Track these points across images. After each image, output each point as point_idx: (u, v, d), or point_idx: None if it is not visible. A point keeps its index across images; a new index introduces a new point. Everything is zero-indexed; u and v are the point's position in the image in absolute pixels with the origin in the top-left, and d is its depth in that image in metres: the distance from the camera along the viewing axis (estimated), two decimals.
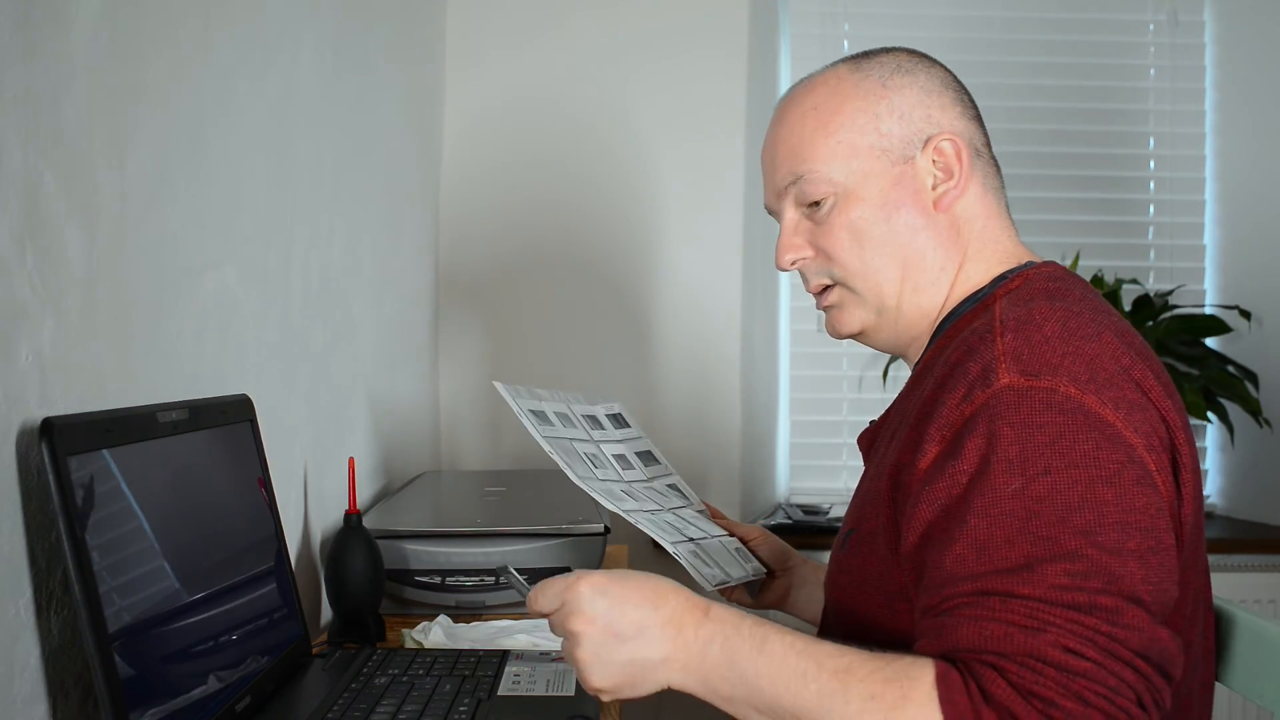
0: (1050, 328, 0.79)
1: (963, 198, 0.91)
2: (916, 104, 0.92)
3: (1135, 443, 0.74)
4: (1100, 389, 0.75)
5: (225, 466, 0.90)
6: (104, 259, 0.77)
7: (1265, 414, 2.20)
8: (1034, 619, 0.68)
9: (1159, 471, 0.76)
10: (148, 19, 0.84)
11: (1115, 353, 0.78)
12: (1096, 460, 0.72)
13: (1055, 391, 0.74)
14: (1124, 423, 0.74)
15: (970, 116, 0.94)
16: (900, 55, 0.95)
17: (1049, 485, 0.72)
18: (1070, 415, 0.74)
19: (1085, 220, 2.39)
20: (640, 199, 2.21)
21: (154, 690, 0.70)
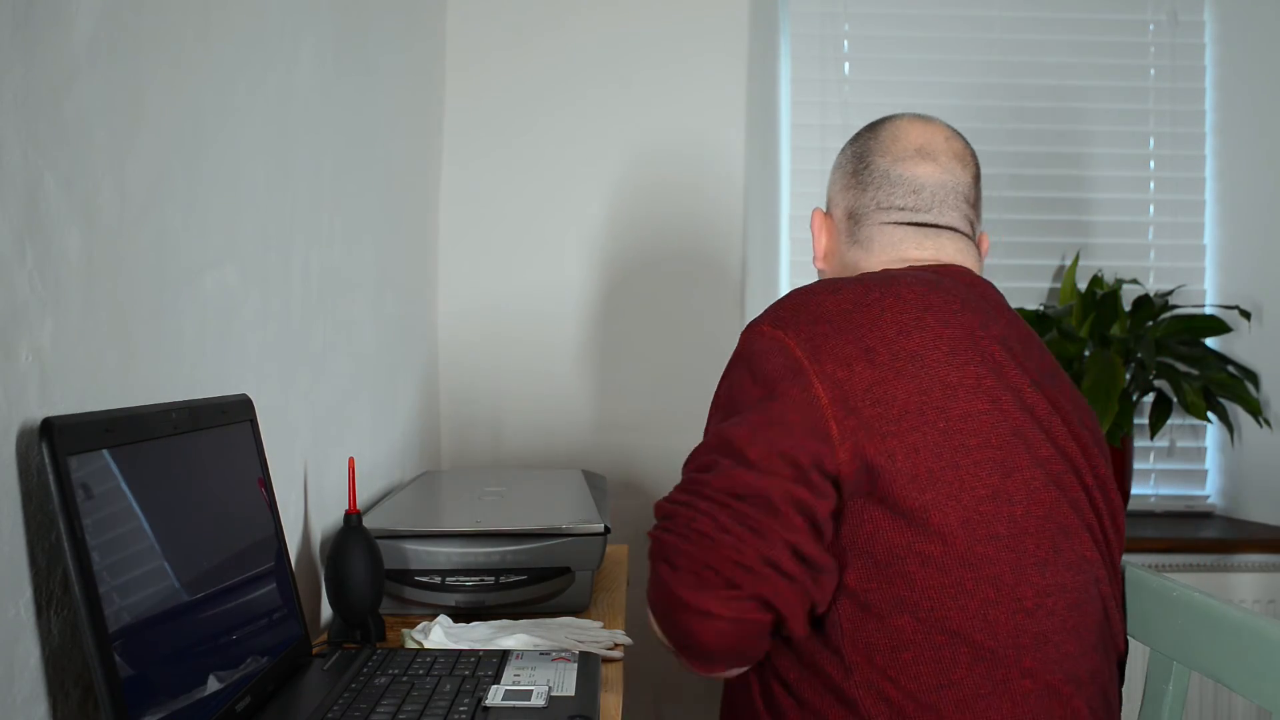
0: (793, 297, 1.01)
1: (828, 256, 1.19)
2: (829, 184, 1.21)
3: (800, 355, 0.93)
4: (788, 324, 0.96)
5: (225, 466, 0.90)
6: (104, 259, 0.77)
7: (1265, 414, 2.20)
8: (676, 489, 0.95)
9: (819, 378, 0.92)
10: (148, 19, 0.84)
11: (836, 302, 0.97)
12: (762, 371, 0.95)
13: (756, 328, 0.99)
14: (796, 342, 0.94)
15: (852, 186, 1.15)
16: (864, 130, 1.18)
17: (726, 387, 0.99)
18: (758, 339, 0.97)
19: (1085, 220, 2.39)
20: (640, 199, 2.21)
21: (154, 690, 0.70)
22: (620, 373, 2.21)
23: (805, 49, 2.34)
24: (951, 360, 0.94)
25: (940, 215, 1.10)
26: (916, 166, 1.11)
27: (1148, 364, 2.08)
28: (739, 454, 0.90)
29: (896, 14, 2.36)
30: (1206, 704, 2.11)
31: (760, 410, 0.92)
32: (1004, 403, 0.94)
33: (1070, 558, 0.95)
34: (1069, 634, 0.94)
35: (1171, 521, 2.32)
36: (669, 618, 0.91)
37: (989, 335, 0.97)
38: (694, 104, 2.20)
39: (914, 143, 1.12)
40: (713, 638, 0.88)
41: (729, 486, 0.89)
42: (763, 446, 0.89)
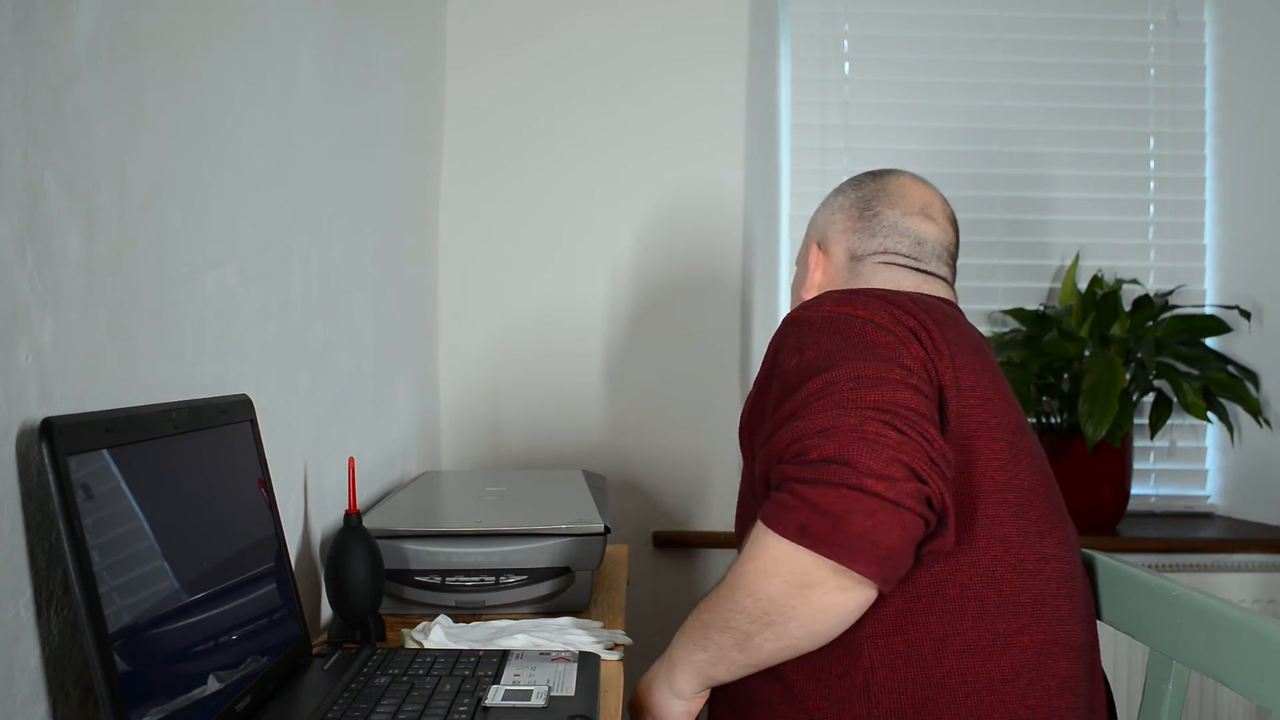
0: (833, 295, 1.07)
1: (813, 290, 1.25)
2: (822, 220, 1.29)
3: (880, 319, 0.99)
4: (854, 300, 1.03)
5: (225, 466, 0.90)
6: (104, 259, 0.77)
7: (1265, 414, 2.20)
8: (796, 418, 0.91)
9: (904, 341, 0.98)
10: (148, 19, 0.84)
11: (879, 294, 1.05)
12: (846, 327, 0.99)
13: (819, 308, 1.04)
14: (870, 313, 1.00)
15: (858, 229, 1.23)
16: (856, 178, 1.28)
17: (815, 351, 0.98)
18: (828, 315, 1.02)
19: (1085, 220, 2.39)
20: (640, 199, 2.21)
21: (154, 690, 0.70)
22: (620, 373, 2.21)
23: (805, 49, 2.34)
24: (973, 358, 1.02)
25: (935, 266, 1.22)
26: (921, 223, 1.22)
27: (1148, 364, 2.08)
28: (879, 378, 0.92)
29: (896, 14, 2.36)
30: (1206, 704, 2.11)
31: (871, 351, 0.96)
32: (1010, 400, 1.05)
33: (1061, 535, 1.04)
34: (1064, 600, 1.00)
35: (1171, 521, 2.32)
36: (846, 520, 0.85)
37: (986, 346, 1.10)
38: (694, 103, 2.20)
39: (918, 202, 1.23)
40: (899, 531, 0.85)
41: (886, 402, 0.89)
42: (898, 373, 0.93)
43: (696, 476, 2.21)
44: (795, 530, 0.86)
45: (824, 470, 0.86)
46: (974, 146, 2.37)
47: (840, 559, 0.85)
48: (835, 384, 0.92)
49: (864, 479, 0.84)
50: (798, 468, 0.88)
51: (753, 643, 0.93)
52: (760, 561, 0.90)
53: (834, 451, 0.86)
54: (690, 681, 1.02)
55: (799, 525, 0.86)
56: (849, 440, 0.86)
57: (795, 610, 0.89)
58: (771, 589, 0.89)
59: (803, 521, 0.86)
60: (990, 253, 2.38)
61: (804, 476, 0.87)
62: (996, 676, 0.95)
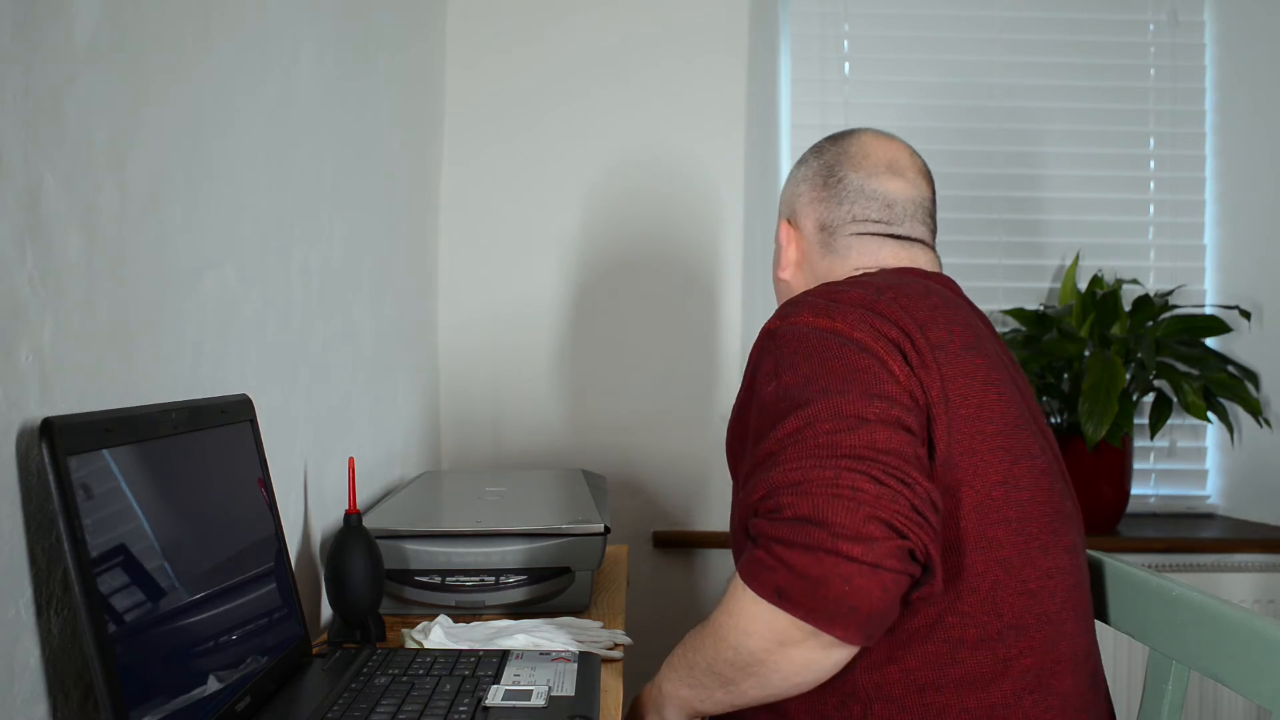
0: (814, 294, 1.01)
1: (793, 266, 1.21)
2: (788, 194, 1.23)
3: (861, 337, 0.94)
4: (833, 311, 0.96)
5: (225, 466, 0.90)
6: (104, 259, 0.77)
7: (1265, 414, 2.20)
8: (772, 462, 0.88)
9: (888, 354, 0.93)
10: (148, 19, 0.84)
11: (861, 296, 0.99)
12: (824, 349, 0.93)
13: (797, 322, 0.97)
14: (852, 328, 0.95)
15: (825, 199, 1.17)
16: (816, 144, 1.22)
17: (792, 375, 0.93)
18: (807, 331, 0.96)
19: (1085, 220, 2.39)
20: (640, 199, 2.21)
21: (154, 690, 0.70)
22: (621, 373, 2.21)
23: (805, 49, 2.34)
24: (965, 352, 0.98)
25: (911, 229, 1.16)
26: (888, 182, 1.15)
27: (1148, 364, 2.08)
28: (858, 416, 0.87)
29: (896, 14, 2.36)
30: (1206, 704, 2.11)
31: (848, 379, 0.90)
32: (1006, 394, 0.99)
33: (1066, 542, 1.00)
34: (1069, 614, 0.97)
35: (1171, 522, 2.32)
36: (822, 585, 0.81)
37: (984, 330, 1.04)
38: (694, 104, 2.20)
39: (883, 159, 1.16)
40: (879, 593, 0.81)
41: (864, 445, 0.85)
42: (878, 409, 0.88)
43: (696, 476, 2.21)
44: (772, 591, 0.83)
45: (799, 531, 0.82)
46: (974, 146, 2.37)
47: (818, 624, 0.82)
48: (811, 425, 0.87)
49: (839, 542, 0.80)
50: (773, 525, 0.84)
51: (738, 688, 0.92)
52: (739, 619, 0.87)
53: (808, 510, 0.82)
54: (678, 715, 1.00)
55: (775, 587, 0.83)
56: (823, 498, 0.82)
57: (777, 664, 0.87)
58: (752, 644, 0.87)
59: (779, 584, 0.83)
60: (990, 253, 2.38)
61: (779, 535, 0.83)
62: (998, 702, 0.92)
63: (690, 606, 2.15)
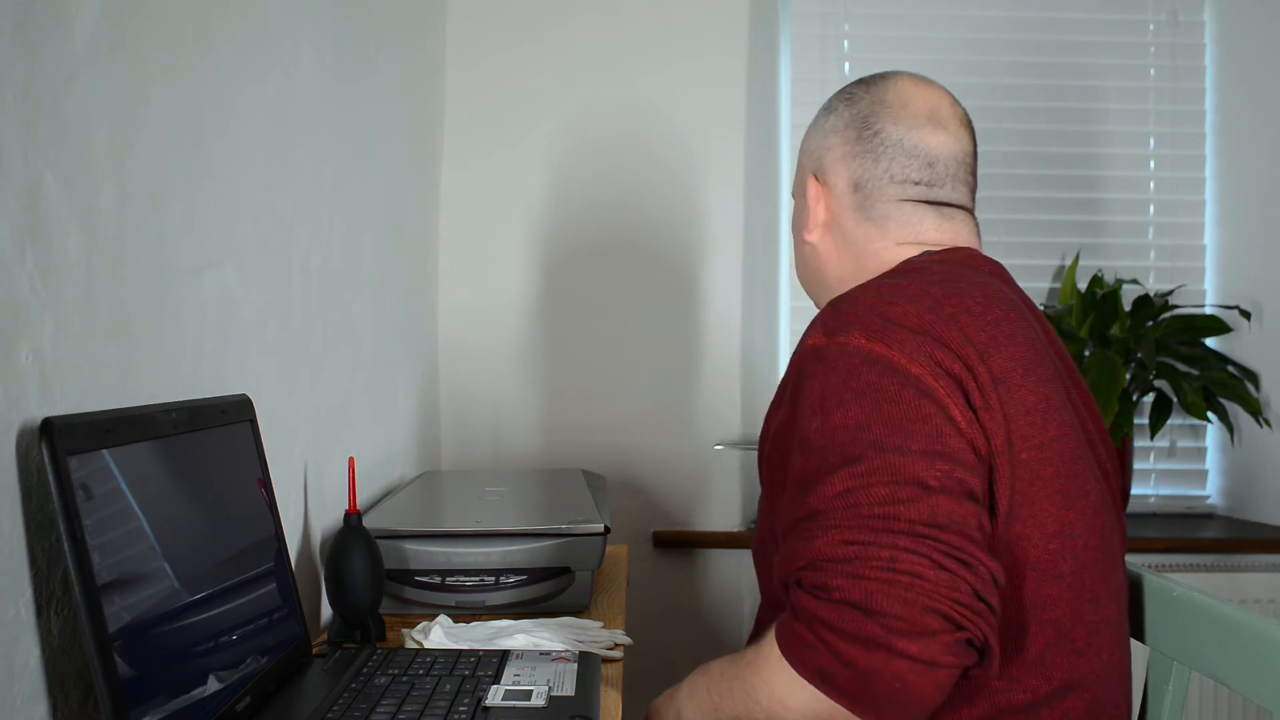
0: (864, 298, 0.90)
1: (821, 229, 1.08)
2: (814, 146, 1.10)
3: (918, 372, 0.84)
4: (888, 337, 0.86)
5: (225, 466, 0.90)
6: (104, 259, 0.77)
7: (1265, 414, 2.20)
8: (819, 527, 0.79)
9: (949, 395, 0.84)
10: (148, 19, 0.84)
11: (918, 313, 0.88)
12: (880, 388, 0.83)
13: (847, 344, 0.86)
14: (909, 359, 0.84)
15: (859, 154, 1.05)
16: (845, 91, 1.10)
17: (842, 415, 0.83)
18: (859, 359, 0.85)
19: (1085, 220, 2.39)
20: (640, 199, 2.21)
21: (154, 690, 0.70)
22: (621, 373, 2.21)
23: (805, 49, 2.34)
24: (1027, 380, 0.88)
25: (953, 192, 1.05)
26: (930, 136, 1.04)
27: (1148, 364, 2.08)
28: (918, 483, 0.78)
29: (896, 14, 2.36)
30: (1206, 704, 2.11)
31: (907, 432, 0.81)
32: (1067, 425, 0.90)
33: (1114, 586, 0.93)
34: (1114, 669, 0.92)
35: (1172, 521, 2.32)
36: (870, 679, 0.75)
37: (1039, 335, 0.94)
38: (694, 104, 2.20)
39: (924, 108, 1.05)
40: (932, 690, 0.75)
41: (925, 517, 0.77)
42: (940, 473, 0.79)
43: (696, 476, 2.21)
44: (814, 674, 0.78)
45: (849, 618, 0.75)
46: None
47: (863, 715, 0.76)
48: (865, 488, 0.78)
49: (893, 638, 0.74)
50: (819, 604, 0.77)
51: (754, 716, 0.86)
52: (776, 689, 0.81)
53: (860, 598, 0.75)
54: None
55: (819, 669, 0.77)
56: (878, 584, 0.75)
57: None
58: (789, 717, 0.81)
59: (823, 667, 0.77)
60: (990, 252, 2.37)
61: (827, 619, 0.76)
62: None
63: (690, 606, 2.15)
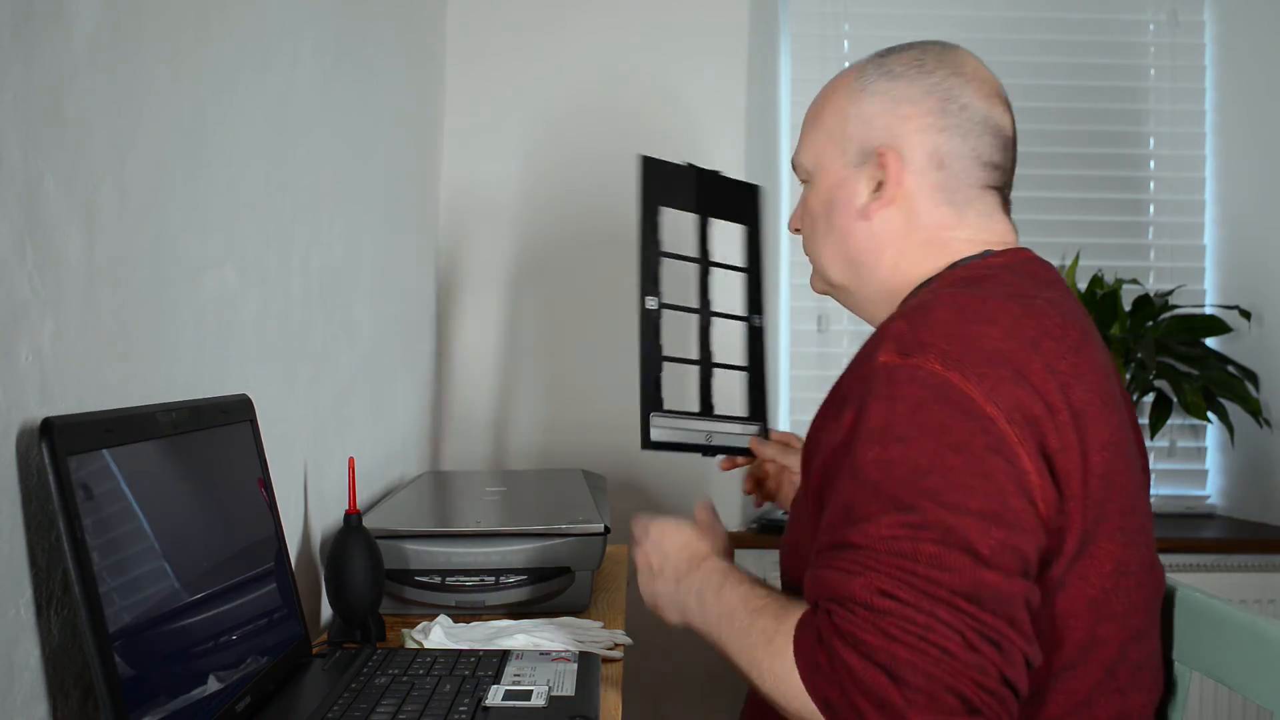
0: (941, 313, 0.84)
1: (890, 206, 0.96)
2: (882, 112, 0.97)
3: (993, 414, 0.78)
4: (967, 367, 0.79)
5: (225, 466, 0.90)
6: (104, 259, 0.77)
7: (1265, 414, 2.20)
8: (858, 565, 0.77)
9: (1022, 443, 0.78)
10: (148, 19, 0.84)
11: (1001, 337, 0.82)
12: (948, 429, 0.78)
13: (920, 368, 0.80)
14: (985, 397, 0.78)
15: (945, 128, 0.95)
16: (908, 56, 0.98)
17: (902, 451, 0.78)
18: (931, 389, 0.79)
19: (1085, 220, 2.39)
20: None
21: (154, 690, 0.70)
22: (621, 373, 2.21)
23: (805, 49, 2.34)
24: (1103, 412, 0.84)
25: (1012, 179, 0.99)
26: (1003, 116, 0.97)
27: (1148, 364, 2.08)
28: (970, 550, 0.75)
29: (896, 14, 2.36)
30: (1206, 704, 2.11)
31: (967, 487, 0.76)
32: (1132, 458, 0.87)
33: (1156, 619, 0.91)
34: (1151, 704, 0.90)
35: (1172, 522, 2.32)
36: None
37: (1111, 367, 0.90)
38: (694, 104, 2.20)
39: (993, 83, 0.98)
40: None
41: (969, 589, 0.74)
42: (995, 542, 0.75)
43: (696, 477, 2.21)
44: (821, 699, 0.77)
45: (870, 675, 0.73)
46: None
47: None
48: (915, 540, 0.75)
49: (910, 710, 0.72)
50: (844, 647, 0.75)
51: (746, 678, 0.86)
52: (782, 687, 0.80)
53: (886, 660, 0.73)
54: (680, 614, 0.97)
55: (826, 698, 0.76)
56: (906, 650, 0.73)
57: None
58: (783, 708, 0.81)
59: (831, 699, 0.76)
60: None
61: (849, 663, 0.74)
62: None
63: None
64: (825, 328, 2.35)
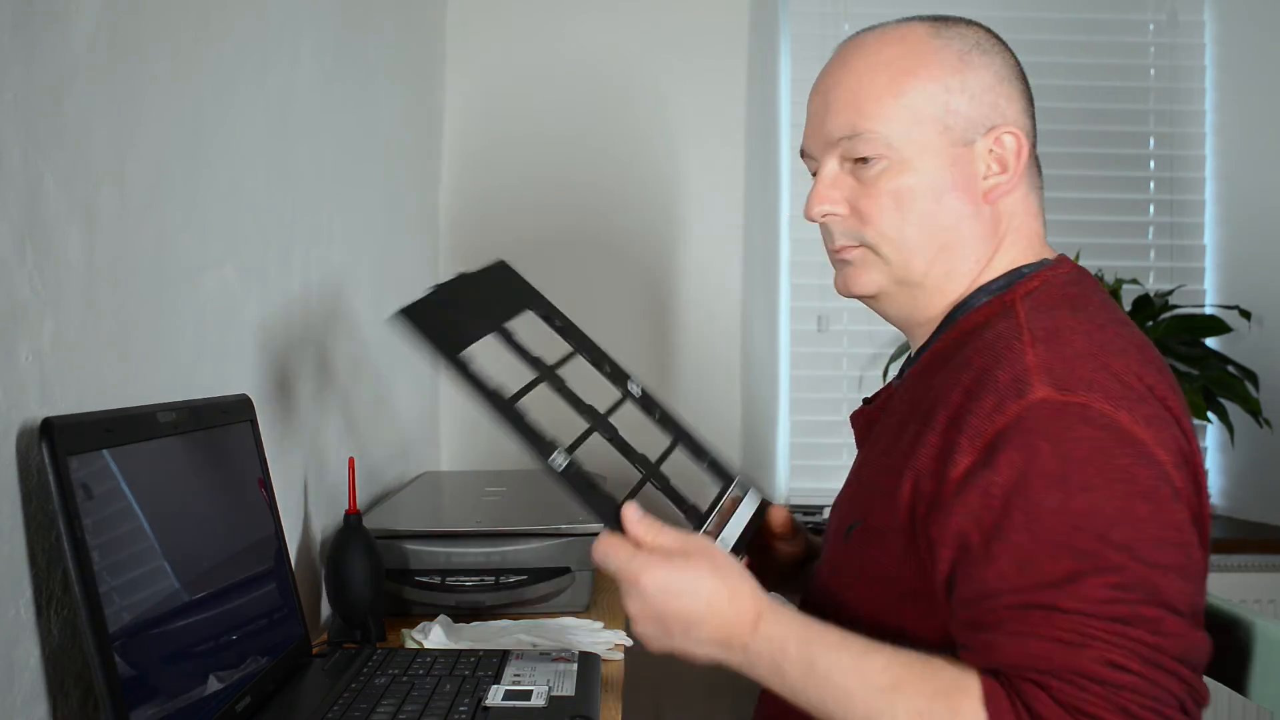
0: (1079, 342, 0.79)
1: (1011, 194, 0.90)
2: (988, 88, 0.89)
3: (1164, 459, 0.74)
4: (1131, 405, 0.75)
5: (225, 466, 0.90)
6: (104, 259, 0.77)
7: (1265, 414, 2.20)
8: (1077, 634, 0.70)
9: (1184, 488, 0.76)
10: (148, 19, 0.84)
11: (1140, 370, 0.78)
12: (1133, 477, 0.73)
13: (1090, 407, 0.74)
14: (1154, 440, 0.74)
15: (1028, 109, 0.92)
16: (980, 32, 0.93)
17: (1088, 501, 0.72)
18: (1106, 431, 0.74)
19: (1085, 220, 2.39)
20: (640, 200, 2.21)
21: (154, 690, 0.70)
22: None
23: (805, 49, 2.34)
24: (1188, 436, 0.80)
25: None
26: None
27: None
28: (1173, 606, 0.71)
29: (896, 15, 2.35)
30: None
31: (1159, 540, 0.72)
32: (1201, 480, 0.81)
33: None
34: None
35: None
36: None
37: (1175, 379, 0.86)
38: (694, 104, 2.20)
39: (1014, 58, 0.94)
40: None
41: (1183, 653, 0.71)
42: (1187, 597, 0.72)
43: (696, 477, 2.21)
44: None
45: None
46: None
47: None
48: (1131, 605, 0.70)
49: None
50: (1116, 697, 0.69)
51: None
52: None
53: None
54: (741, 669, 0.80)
55: None
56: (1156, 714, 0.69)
57: None
58: None
59: None
60: None
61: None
62: None
63: None
64: (825, 328, 2.35)
